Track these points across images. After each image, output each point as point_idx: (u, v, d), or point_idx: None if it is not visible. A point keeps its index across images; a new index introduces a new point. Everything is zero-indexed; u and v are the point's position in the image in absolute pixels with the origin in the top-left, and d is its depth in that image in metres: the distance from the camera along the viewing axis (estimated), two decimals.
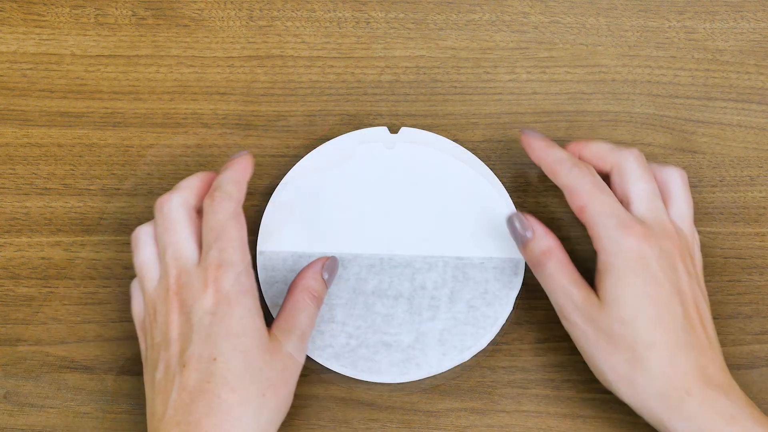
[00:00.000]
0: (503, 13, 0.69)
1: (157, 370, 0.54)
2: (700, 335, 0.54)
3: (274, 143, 0.66)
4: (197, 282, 0.54)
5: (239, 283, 0.54)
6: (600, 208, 0.56)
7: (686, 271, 0.56)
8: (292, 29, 0.68)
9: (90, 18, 0.68)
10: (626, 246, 0.55)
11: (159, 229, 0.56)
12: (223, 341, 0.53)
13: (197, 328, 0.53)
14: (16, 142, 0.66)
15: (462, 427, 0.60)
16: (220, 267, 0.54)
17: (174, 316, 0.54)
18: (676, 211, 0.58)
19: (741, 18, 0.68)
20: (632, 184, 0.57)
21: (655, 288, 0.54)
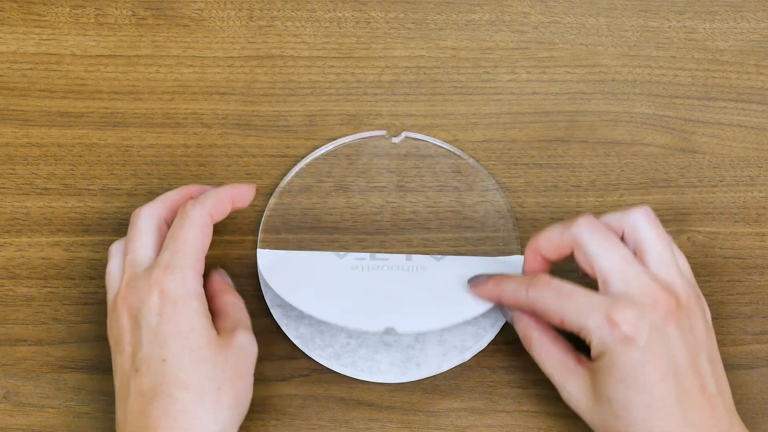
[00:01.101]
0: (503, 13, 0.69)
1: (116, 377, 0.54)
2: (701, 403, 0.52)
3: (274, 143, 0.66)
4: (144, 284, 0.54)
5: (185, 285, 0.54)
6: (576, 312, 0.53)
7: (681, 337, 0.52)
8: (292, 29, 0.68)
9: (90, 18, 0.68)
10: (613, 341, 0.52)
11: (126, 239, 0.57)
12: (171, 341, 0.52)
13: (145, 331, 0.53)
14: (16, 142, 0.66)
15: (462, 427, 0.60)
16: (167, 268, 0.54)
17: (124, 321, 0.54)
18: (654, 261, 0.54)
19: (741, 18, 0.68)
20: (595, 261, 0.54)
21: (644, 378, 0.52)
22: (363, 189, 0.64)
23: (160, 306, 0.53)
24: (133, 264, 0.55)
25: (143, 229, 0.56)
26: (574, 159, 0.65)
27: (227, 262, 0.63)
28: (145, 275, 0.54)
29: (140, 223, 0.57)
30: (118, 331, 0.54)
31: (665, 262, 0.54)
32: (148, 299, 0.53)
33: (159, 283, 0.53)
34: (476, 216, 0.64)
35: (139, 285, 0.54)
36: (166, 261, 0.54)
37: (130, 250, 0.56)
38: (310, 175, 0.65)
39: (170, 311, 0.53)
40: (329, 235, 0.63)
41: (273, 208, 0.64)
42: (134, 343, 0.53)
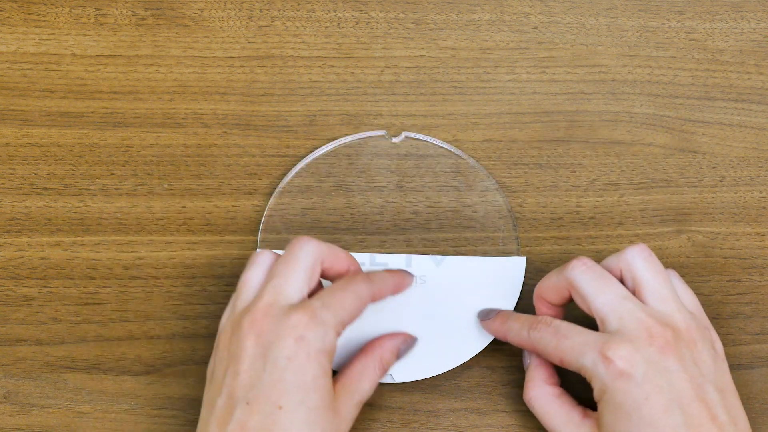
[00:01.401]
0: (503, 13, 0.69)
1: (220, 394, 0.52)
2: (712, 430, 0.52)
3: (274, 143, 0.66)
4: (285, 322, 0.52)
5: (324, 342, 0.52)
6: (573, 352, 0.54)
7: (682, 368, 0.52)
8: (292, 29, 0.68)
9: (90, 18, 0.68)
10: (610, 378, 0.52)
11: (279, 260, 0.55)
12: (293, 392, 0.51)
13: (270, 369, 0.51)
14: (16, 142, 0.66)
15: (462, 427, 0.60)
16: (314, 318, 0.52)
17: (248, 345, 0.52)
18: (651, 296, 0.54)
19: (741, 18, 0.68)
20: (590, 301, 0.54)
21: (649, 411, 0.52)
22: (363, 189, 0.64)
23: (294, 351, 0.52)
24: (278, 292, 0.54)
25: (303, 262, 0.55)
26: (574, 159, 0.65)
27: (227, 262, 0.63)
28: (289, 313, 0.52)
29: (303, 254, 0.55)
30: (237, 351, 0.52)
31: (662, 297, 0.54)
32: (285, 339, 0.52)
33: (301, 328, 0.52)
34: (476, 216, 0.64)
35: (279, 319, 0.52)
36: (316, 312, 0.52)
37: (280, 275, 0.54)
38: (309, 175, 0.65)
39: (302, 361, 0.52)
40: (329, 236, 0.63)
41: (273, 208, 0.64)
42: (252, 374, 0.52)
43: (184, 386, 0.61)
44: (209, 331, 0.62)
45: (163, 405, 0.61)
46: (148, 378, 0.61)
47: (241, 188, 0.65)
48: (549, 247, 0.63)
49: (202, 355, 0.61)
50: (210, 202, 0.64)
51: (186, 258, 0.63)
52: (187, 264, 0.63)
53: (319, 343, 0.52)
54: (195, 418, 0.60)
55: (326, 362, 0.52)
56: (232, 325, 0.54)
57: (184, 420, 0.60)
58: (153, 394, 0.61)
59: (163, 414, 0.60)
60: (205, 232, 0.64)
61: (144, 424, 0.60)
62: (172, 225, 0.64)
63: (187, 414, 0.60)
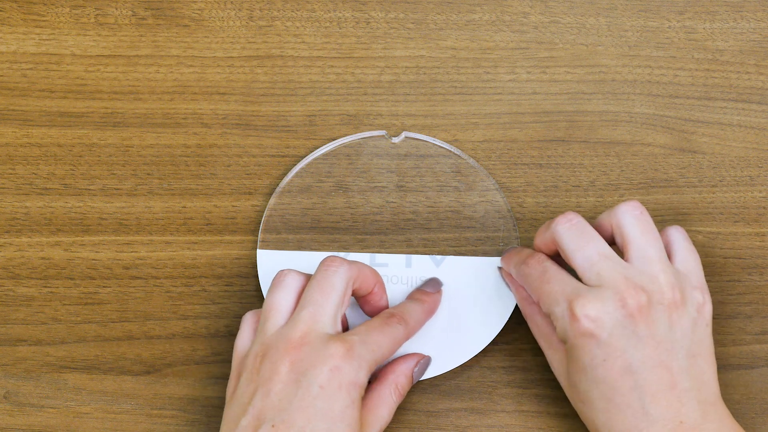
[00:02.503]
0: (503, 13, 0.69)
1: (246, 414, 0.52)
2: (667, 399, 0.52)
3: (274, 143, 0.66)
4: (321, 351, 0.52)
5: (357, 376, 0.53)
6: (549, 297, 0.55)
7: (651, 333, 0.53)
8: (292, 29, 0.68)
9: (90, 18, 0.68)
10: (573, 334, 0.53)
11: (313, 284, 0.55)
12: (320, 420, 0.51)
13: (301, 395, 0.52)
14: (16, 142, 0.66)
15: (462, 427, 0.60)
16: (350, 352, 0.53)
17: (282, 369, 0.52)
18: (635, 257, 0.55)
19: (741, 18, 0.68)
20: (571, 257, 0.55)
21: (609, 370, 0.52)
22: (363, 189, 0.64)
23: (328, 380, 0.52)
24: (315, 320, 0.54)
25: (337, 289, 0.55)
26: (574, 159, 0.65)
27: (227, 262, 0.63)
28: (327, 343, 0.53)
29: (337, 279, 0.55)
30: (269, 374, 0.52)
31: (647, 257, 0.54)
32: (320, 367, 0.52)
33: (337, 358, 0.52)
34: (476, 216, 0.64)
35: (317, 348, 0.53)
36: (354, 346, 0.53)
37: (314, 302, 0.54)
38: (310, 175, 0.65)
39: (333, 390, 0.52)
40: (329, 235, 0.63)
41: (273, 208, 0.64)
42: (283, 398, 0.52)
43: (184, 386, 0.61)
44: (209, 331, 0.62)
45: (163, 405, 0.61)
46: (148, 378, 0.61)
47: (241, 188, 0.65)
48: None
49: (202, 355, 0.61)
50: (210, 202, 0.64)
51: (186, 258, 0.63)
52: (187, 264, 0.63)
53: (352, 375, 0.52)
54: (195, 418, 0.60)
55: (357, 395, 0.53)
56: (264, 348, 0.54)
57: (184, 420, 0.60)
58: (153, 394, 0.61)
59: (163, 414, 0.60)
60: (205, 232, 0.64)
61: (144, 424, 0.60)
62: (172, 225, 0.64)
63: (187, 414, 0.60)
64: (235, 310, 0.62)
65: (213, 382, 0.61)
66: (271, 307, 0.55)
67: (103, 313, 0.62)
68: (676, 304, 0.54)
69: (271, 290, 0.56)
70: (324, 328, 0.54)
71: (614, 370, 0.52)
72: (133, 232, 0.64)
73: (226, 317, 0.62)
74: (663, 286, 0.54)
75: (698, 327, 0.54)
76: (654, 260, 0.54)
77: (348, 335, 0.54)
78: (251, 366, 0.54)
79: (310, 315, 0.54)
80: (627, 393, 0.52)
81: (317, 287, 0.55)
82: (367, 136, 0.65)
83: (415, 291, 0.60)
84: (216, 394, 0.61)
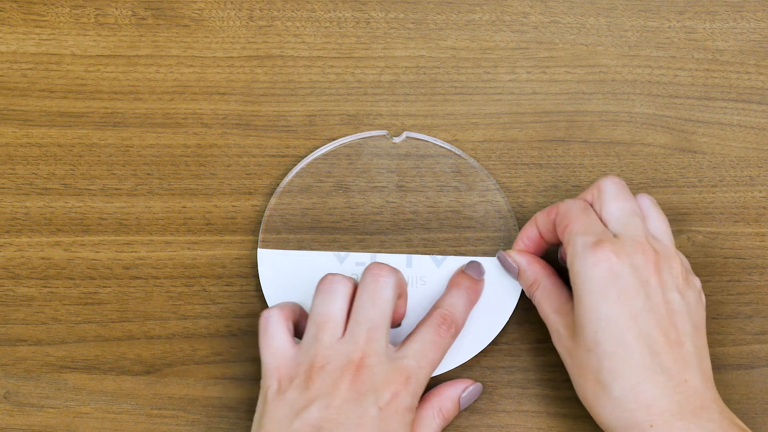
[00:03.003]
0: (503, 13, 0.69)
1: (299, 419, 0.53)
2: (674, 353, 0.53)
3: (274, 143, 0.66)
4: (382, 374, 0.54)
5: (412, 401, 0.54)
6: (578, 228, 0.56)
7: (661, 285, 0.54)
8: (292, 29, 0.68)
9: (90, 18, 0.68)
10: (592, 265, 0.54)
11: (364, 297, 0.55)
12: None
13: (360, 413, 0.53)
14: (16, 142, 0.66)
15: (462, 427, 0.60)
16: (408, 379, 0.54)
17: (343, 387, 0.53)
18: (653, 228, 0.57)
19: (741, 18, 0.68)
20: (608, 203, 0.57)
21: (619, 311, 0.53)
22: (363, 189, 0.64)
23: (386, 404, 0.53)
24: (373, 340, 0.54)
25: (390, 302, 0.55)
26: (574, 159, 0.65)
27: (227, 262, 0.63)
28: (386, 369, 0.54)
29: (388, 291, 0.55)
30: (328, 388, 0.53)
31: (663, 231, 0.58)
32: (381, 392, 0.53)
33: (397, 386, 0.54)
34: (476, 216, 0.64)
35: (378, 371, 0.54)
36: (412, 373, 0.54)
37: (372, 321, 0.55)
38: (310, 175, 0.65)
39: (390, 414, 0.53)
40: (329, 235, 0.63)
41: (273, 209, 0.64)
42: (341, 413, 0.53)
43: (184, 386, 0.61)
44: (209, 331, 0.62)
45: (163, 405, 0.61)
46: (148, 378, 0.61)
47: (241, 188, 0.65)
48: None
49: (202, 355, 0.61)
50: (210, 202, 0.64)
51: (186, 258, 0.63)
52: (187, 264, 0.63)
53: (408, 401, 0.54)
54: (195, 418, 0.60)
55: (410, 418, 0.54)
56: (323, 361, 0.54)
57: (184, 420, 0.60)
58: (153, 394, 0.61)
59: (163, 414, 0.60)
60: (205, 232, 0.64)
61: (144, 424, 0.60)
62: (172, 225, 0.64)
63: (187, 414, 0.60)
64: (235, 310, 0.62)
65: (213, 382, 0.61)
66: (326, 318, 0.55)
67: (103, 313, 0.62)
68: (681, 275, 0.56)
69: (322, 297, 0.56)
70: (382, 346, 0.54)
71: (628, 309, 0.53)
72: (133, 232, 0.64)
73: (226, 317, 0.62)
74: (674, 257, 0.56)
75: (699, 305, 0.56)
76: (668, 238, 0.57)
77: (405, 359, 0.55)
78: (306, 374, 0.54)
79: (368, 334, 0.54)
80: (637, 337, 0.53)
81: (370, 301, 0.55)
82: (367, 135, 0.65)
83: (460, 275, 0.60)
84: (216, 394, 0.61)
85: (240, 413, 0.60)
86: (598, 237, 0.55)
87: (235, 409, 0.60)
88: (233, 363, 0.61)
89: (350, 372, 0.53)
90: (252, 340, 0.62)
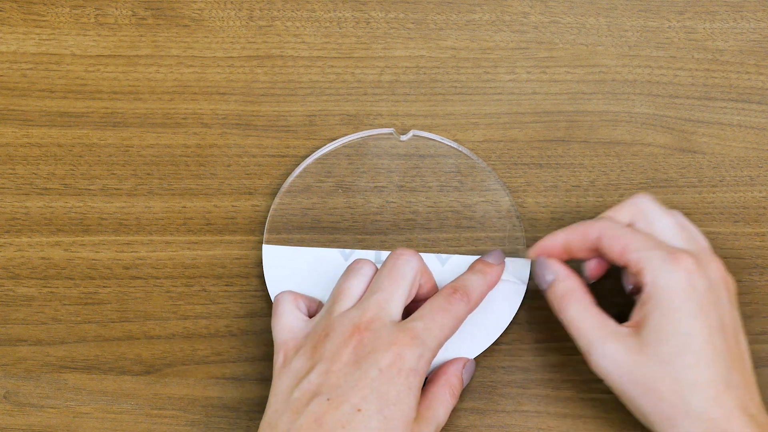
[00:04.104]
0: (503, 13, 0.69)
1: (299, 387, 0.53)
2: (742, 371, 0.54)
3: (274, 143, 0.66)
4: (386, 337, 0.53)
5: (419, 363, 0.53)
6: (642, 244, 0.55)
7: (729, 302, 0.55)
8: (292, 29, 0.68)
9: (90, 18, 0.68)
10: (676, 279, 0.54)
11: (383, 272, 0.56)
12: (375, 400, 0.52)
13: (360, 375, 0.52)
14: (16, 142, 0.66)
15: (462, 427, 0.60)
16: (414, 339, 0.53)
17: (346, 350, 0.53)
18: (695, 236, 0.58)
19: (741, 18, 0.68)
20: (654, 221, 0.57)
21: (700, 324, 0.53)
22: (364, 189, 0.64)
23: (388, 365, 0.53)
24: (382, 307, 0.54)
25: (407, 279, 0.56)
26: (574, 159, 0.65)
27: (227, 262, 0.63)
28: (392, 330, 0.53)
29: (408, 270, 0.56)
30: (330, 354, 0.53)
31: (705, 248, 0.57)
32: (383, 353, 0.53)
33: (400, 346, 0.53)
34: (479, 216, 0.64)
35: (382, 334, 0.53)
36: (418, 333, 0.54)
37: (384, 290, 0.55)
38: (313, 174, 0.65)
39: (392, 375, 0.52)
40: (330, 235, 0.63)
41: (276, 208, 0.64)
42: (341, 377, 0.53)
43: (184, 386, 0.61)
44: (209, 331, 0.62)
45: (163, 405, 0.61)
46: (148, 378, 0.61)
47: (241, 188, 0.65)
48: None
49: (202, 355, 0.61)
50: (210, 202, 0.64)
51: (186, 258, 0.63)
52: (187, 264, 0.63)
53: (413, 363, 0.53)
54: (195, 418, 0.60)
55: (415, 382, 0.53)
56: (329, 328, 0.54)
57: (184, 420, 0.60)
58: (153, 394, 0.61)
59: (163, 414, 0.60)
60: (205, 232, 0.64)
61: (144, 424, 0.60)
62: (172, 225, 0.64)
63: (187, 414, 0.60)
64: (235, 310, 0.62)
65: (213, 382, 0.61)
66: (341, 291, 0.56)
67: (103, 313, 0.62)
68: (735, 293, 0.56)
69: (345, 276, 0.57)
70: (390, 316, 0.54)
71: (711, 325, 0.53)
72: (133, 232, 0.64)
73: (226, 317, 0.62)
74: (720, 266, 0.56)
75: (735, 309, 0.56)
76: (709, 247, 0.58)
77: (412, 321, 0.54)
78: (312, 343, 0.54)
79: (377, 301, 0.54)
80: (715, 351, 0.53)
81: (387, 275, 0.56)
82: (375, 133, 0.65)
83: (477, 261, 0.60)
84: (216, 394, 0.61)
85: (240, 413, 0.60)
86: (671, 251, 0.54)
87: (235, 409, 0.60)
88: (233, 363, 0.61)
89: (353, 337, 0.53)
90: (252, 340, 0.62)
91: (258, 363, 0.61)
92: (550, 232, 0.63)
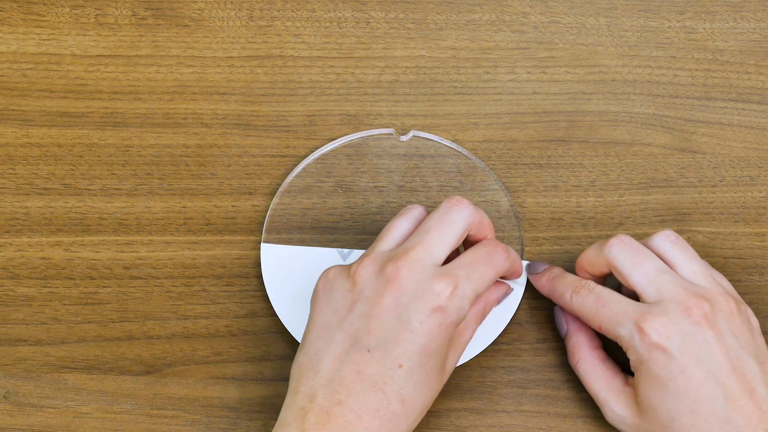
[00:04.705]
0: (503, 13, 0.69)
1: (341, 329, 0.52)
2: (745, 409, 0.52)
3: (274, 143, 0.66)
4: (426, 287, 0.52)
5: (458, 314, 0.53)
6: (610, 321, 0.55)
7: (719, 341, 0.53)
8: (292, 29, 0.68)
9: (90, 18, 0.68)
10: (645, 350, 0.53)
11: (433, 216, 0.55)
12: (416, 354, 0.52)
13: (400, 326, 0.52)
14: (16, 142, 0.66)
15: (462, 427, 0.60)
16: (456, 290, 0.52)
17: (388, 295, 0.52)
18: (684, 272, 0.56)
19: (741, 18, 0.68)
20: (629, 276, 0.56)
21: (685, 383, 0.53)
22: (363, 189, 0.64)
23: (428, 317, 0.52)
24: (427, 249, 0.53)
25: (456, 226, 0.54)
26: (574, 159, 0.65)
27: (227, 262, 0.63)
28: (433, 280, 0.52)
29: (458, 218, 0.55)
30: (372, 295, 0.52)
31: (695, 272, 0.56)
32: (424, 304, 0.52)
33: (443, 298, 0.52)
34: None
35: (423, 282, 0.52)
36: (460, 283, 0.53)
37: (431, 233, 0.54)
38: (313, 174, 0.65)
39: (433, 328, 0.52)
40: (330, 235, 0.63)
41: (276, 208, 0.64)
42: (380, 324, 0.52)
43: (184, 386, 0.61)
44: (209, 331, 0.62)
45: (163, 405, 0.61)
46: (148, 378, 0.61)
47: (241, 188, 0.65)
48: (549, 247, 0.63)
49: (202, 355, 0.61)
50: (210, 202, 0.64)
51: (186, 258, 0.63)
52: (187, 264, 0.63)
53: (454, 316, 0.52)
54: (195, 418, 0.60)
55: (453, 332, 0.53)
56: (370, 261, 0.53)
57: (184, 420, 0.60)
58: (153, 394, 0.61)
59: (163, 414, 0.60)
60: (205, 232, 0.64)
61: (144, 424, 0.60)
62: (172, 225, 0.64)
63: (187, 414, 0.60)
64: (235, 310, 0.62)
65: (213, 382, 0.61)
66: (388, 230, 0.56)
67: (103, 313, 0.62)
68: (733, 313, 0.55)
69: (395, 218, 0.56)
70: (433, 260, 0.53)
71: (695, 380, 0.52)
72: (133, 232, 0.64)
73: (226, 317, 0.62)
74: (718, 296, 0.55)
75: (755, 334, 0.55)
76: (702, 274, 0.56)
77: (453, 268, 0.53)
78: (352, 274, 0.53)
79: (423, 243, 0.53)
80: (710, 401, 0.52)
81: (437, 220, 0.55)
82: (375, 133, 0.65)
83: None
84: (216, 394, 0.61)
85: (240, 413, 0.60)
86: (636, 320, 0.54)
87: (235, 409, 0.60)
88: (233, 363, 0.61)
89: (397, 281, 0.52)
90: (252, 340, 0.62)
91: (258, 363, 0.61)
92: (549, 232, 0.63)
